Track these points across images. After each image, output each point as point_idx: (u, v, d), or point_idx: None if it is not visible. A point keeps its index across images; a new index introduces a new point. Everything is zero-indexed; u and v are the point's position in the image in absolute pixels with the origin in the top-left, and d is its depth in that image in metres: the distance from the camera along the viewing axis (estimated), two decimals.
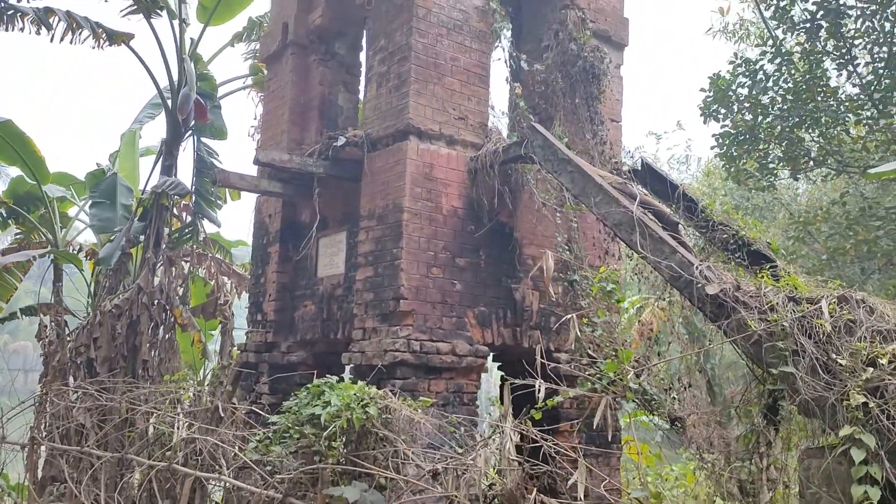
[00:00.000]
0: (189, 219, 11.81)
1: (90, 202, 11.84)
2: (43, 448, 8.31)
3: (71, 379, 10.08)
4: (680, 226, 6.17)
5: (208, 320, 11.97)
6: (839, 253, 10.59)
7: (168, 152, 11.17)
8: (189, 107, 10.36)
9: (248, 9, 11.95)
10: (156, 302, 10.33)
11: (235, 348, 10.85)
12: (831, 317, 4.58)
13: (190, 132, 11.31)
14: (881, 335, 4.46)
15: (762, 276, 5.26)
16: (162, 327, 10.45)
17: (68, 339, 10.79)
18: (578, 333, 5.71)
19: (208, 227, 12.22)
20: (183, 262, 11.14)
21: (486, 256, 7.63)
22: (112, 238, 11.14)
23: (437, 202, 7.40)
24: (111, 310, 10.09)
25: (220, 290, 11.86)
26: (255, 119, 12.20)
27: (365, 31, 9.18)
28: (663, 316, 11.61)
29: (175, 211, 11.36)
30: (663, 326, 11.78)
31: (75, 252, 12.49)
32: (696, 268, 5.19)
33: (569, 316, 5.75)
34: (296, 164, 7.99)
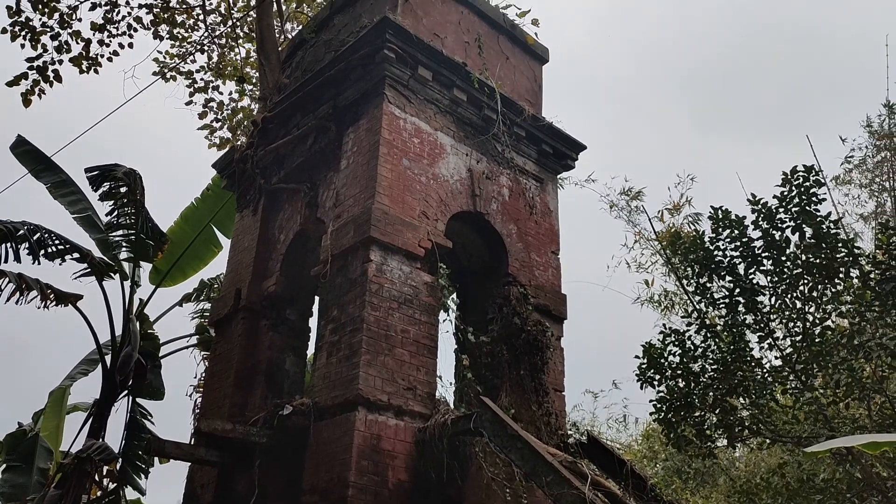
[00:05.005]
0: (112, 486, 10.98)
1: (4, 466, 11.00)
2: None
3: None
4: None
5: None
6: None
7: (99, 413, 10.69)
8: (130, 367, 10.19)
9: (200, 272, 12.34)
10: None
11: None
12: None
13: (126, 392, 10.96)
14: None
15: None
16: None
17: None
18: None
19: (131, 494, 11.37)
20: None
21: None
22: None
23: (384, 476, 7.18)
24: None
25: None
26: (195, 378, 12.00)
27: (317, 299, 9.50)
28: None
29: (97, 477, 10.58)
30: None
31: None
32: None
33: None
34: (238, 433, 7.76)
